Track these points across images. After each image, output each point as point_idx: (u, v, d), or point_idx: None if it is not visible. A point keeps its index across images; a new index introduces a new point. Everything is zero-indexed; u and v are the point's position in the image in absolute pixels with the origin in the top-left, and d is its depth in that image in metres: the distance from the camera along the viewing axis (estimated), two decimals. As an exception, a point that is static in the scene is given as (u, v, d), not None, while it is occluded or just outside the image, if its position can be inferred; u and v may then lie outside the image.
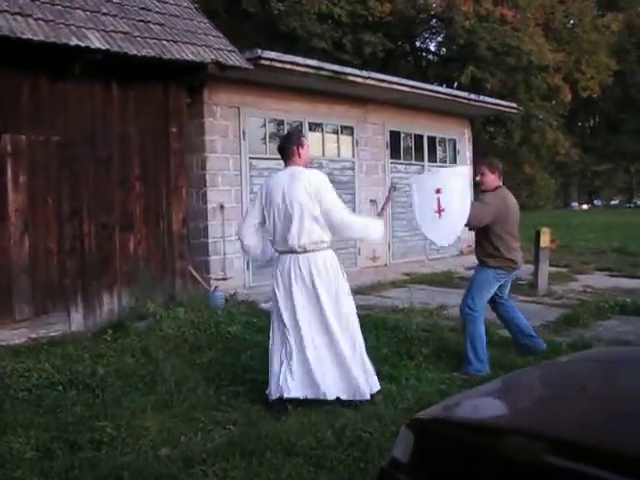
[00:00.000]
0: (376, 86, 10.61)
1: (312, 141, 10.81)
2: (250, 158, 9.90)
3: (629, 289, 9.81)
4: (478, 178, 5.96)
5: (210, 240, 9.33)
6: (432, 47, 32.01)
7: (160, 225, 8.06)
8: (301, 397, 4.83)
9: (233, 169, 9.63)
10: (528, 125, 25.63)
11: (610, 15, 30.44)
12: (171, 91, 8.03)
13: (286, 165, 5.10)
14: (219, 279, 9.25)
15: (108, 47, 6.62)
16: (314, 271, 4.86)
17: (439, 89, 12.26)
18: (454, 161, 14.42)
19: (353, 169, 11.71)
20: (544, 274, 9.62)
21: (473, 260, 13.19)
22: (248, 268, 9.85)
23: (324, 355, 4.89)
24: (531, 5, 24.80)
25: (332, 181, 11.03)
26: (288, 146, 5.08)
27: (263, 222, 5.07)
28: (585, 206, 56.07)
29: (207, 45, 7.83)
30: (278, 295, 4.98)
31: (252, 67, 8.19)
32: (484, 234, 5.83)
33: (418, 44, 31.63)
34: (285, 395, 4.80)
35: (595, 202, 61.04)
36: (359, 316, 5.18)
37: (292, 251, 4.92)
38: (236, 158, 9.66)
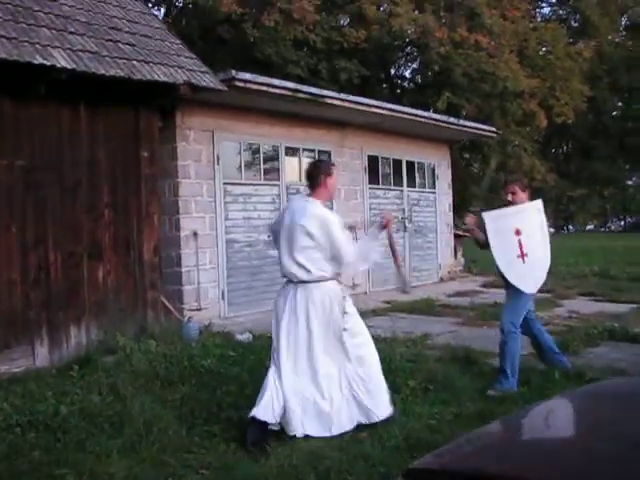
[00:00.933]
0: (354, 109, 10.39)
1: (289, 166, 10.57)
2: (224, 184, 9.59)
3: (615, 314, 9.61)
4: (510, 197, 5.91)
5: (183, 269, 8.97)
6: (407, 74, 32.07)
7: (131, 254, 7.70)
8: (269, 421, 4.62)
9: (207, 195, 9.31)
10: (504, 151, 25.63)
11: (582, 43, 30.73)
12: (142, 114, 7.72)
13: (309, 193, 4.95)
14: (193, 309, 8.88)
15: (74, 66, 6.30)
16: (310, 305, 4.71)
17: (418, 112, 12.05)
18: (433, 187, 14.24)
19: (331, 195, 11.41)
20: (529, 300, 9.36)
21: (453, 287, 13.12)
22: (223, 298, 9.49)
23: (303, 390, 4.73)
24: (505, 32, 24.87)
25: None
26: (316, 174, 4.90)
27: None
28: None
29: (179, 66, 7.55)
30: (274, 325, 4.89)
31: (226, 89, 7.92)
32: None
33: (393, 71, 31.68)
34: (254, 414, 4.60)
35: (570, 227, 61.40)
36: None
37: (290, 280, 4.81)
38: (210, 184, 9.34)
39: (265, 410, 4.61)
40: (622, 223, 59.24)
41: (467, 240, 16.95)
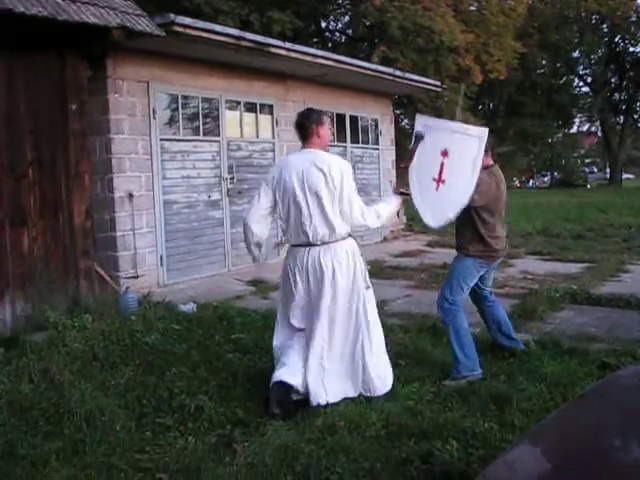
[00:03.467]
0: (299, 59, 9.68)
1: (229, 120, 9.84)
2: (161, 140, 8.78)
3: (568, 274, 9.38)
4: None
5: (118, 234, 8.18)
6: (340, 27, 31.28)
7: (59, 218, 6.91)
8: (296, 387, 4.41)
9: (142, 153, 8.49)
10: (438, 106, 25.36)
11: (514, -1, 30.57)
12: (69, 61, 6.86)
13: (303, 146, 4.54)
14: (129, 277, 8.15)
15: (-13, 1, 5.42)
16: (336, 265, 4.40)
17: (365, 64, 11.43)
18: (376, 143, 13.71)
19: (273, 151, 10.74)
20: (483, 261, 9.01)
21: (399, 247, 12.70)
22: (162, 264, 8.77)
23: (335, 355, 4.51)
24: (440, -15, 24.40)
25: (251, 165, 10.11)
26: (307, 124, 4.49)
27: (274, 208, 4.58)
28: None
29: (111, 7, 6.69)
30: (294, 293, 4.52)
31: (164, 34, 7.10)
32: (468, 217, 4.94)
33: (325, 24, 30.84)
34: (281, 378, 4.40)
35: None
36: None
37: (309, 244, 4.41)
38: (146, 140, 8.52)
39: (292, 374, 4.38)
40: (545, 179, 60.33)
41: (407, 198, 16.57)
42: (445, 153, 4.62)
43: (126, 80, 8.18)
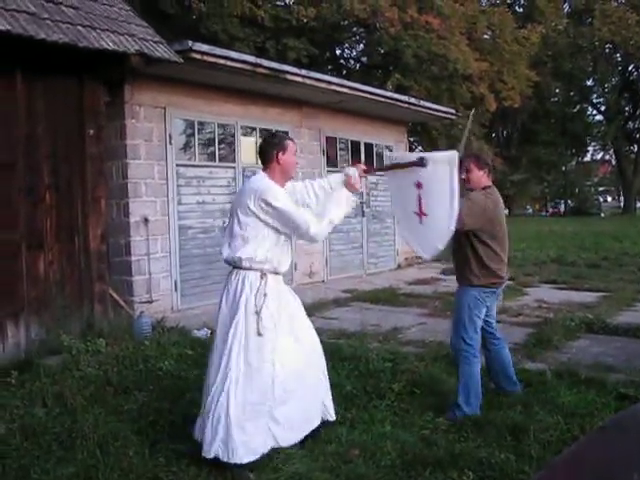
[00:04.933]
0: (315, 86, 9.74)
1: (245, 146, 9.90)
2: (177, 165, 8.84)
3: (583, 303, 9.30)
4: (463, 175, 4.85)
5: (133, 258, 8.20)
6: (354, 54, 31.53)
7: (75, 242, 6.95)
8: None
9: (158, 178, 8.54)
10: (451, 134, 25.42)
11: (529, 27, 30.75)
12: (87, 86, 6.94)
13: (263, 170, 4.26)
14: (143, 302, 8.15)
15: (9, 28, 5.48)
16: (231, 293, 4.12)
17: (380, 92, 11.51)
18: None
19: (288, 178, 10.78)
20: (498, 289, 8.95)
21: (413, 275, 12.67)
22: (176, 289, 8.78)
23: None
24: (455, 14, 24.57)
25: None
26: (268, 149, 4.21)
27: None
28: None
29: (130, 34, 6.78)
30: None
31: (182, 60, 7.17)
32: (468, 243, 4.76)
33: (339, 51, 31.10)
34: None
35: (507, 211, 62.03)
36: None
37: (228, 263, 4.22)
38: (162, 165, 8.57)
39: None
40: (556, 208, 60.25)
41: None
42: (419, 185, 4.41)
43: (143, 106, 8.25)
